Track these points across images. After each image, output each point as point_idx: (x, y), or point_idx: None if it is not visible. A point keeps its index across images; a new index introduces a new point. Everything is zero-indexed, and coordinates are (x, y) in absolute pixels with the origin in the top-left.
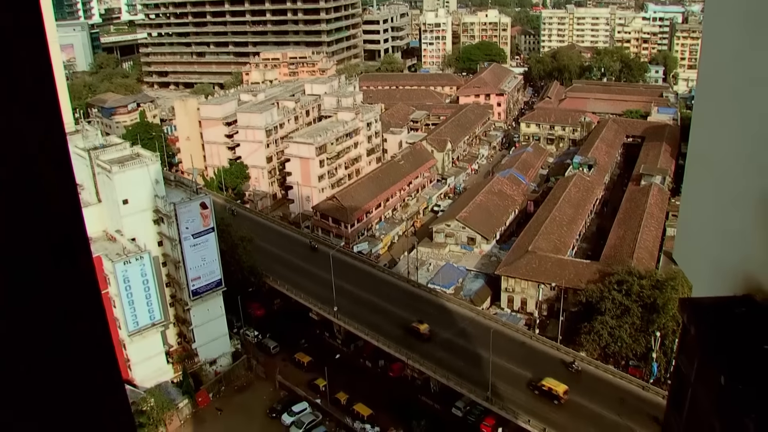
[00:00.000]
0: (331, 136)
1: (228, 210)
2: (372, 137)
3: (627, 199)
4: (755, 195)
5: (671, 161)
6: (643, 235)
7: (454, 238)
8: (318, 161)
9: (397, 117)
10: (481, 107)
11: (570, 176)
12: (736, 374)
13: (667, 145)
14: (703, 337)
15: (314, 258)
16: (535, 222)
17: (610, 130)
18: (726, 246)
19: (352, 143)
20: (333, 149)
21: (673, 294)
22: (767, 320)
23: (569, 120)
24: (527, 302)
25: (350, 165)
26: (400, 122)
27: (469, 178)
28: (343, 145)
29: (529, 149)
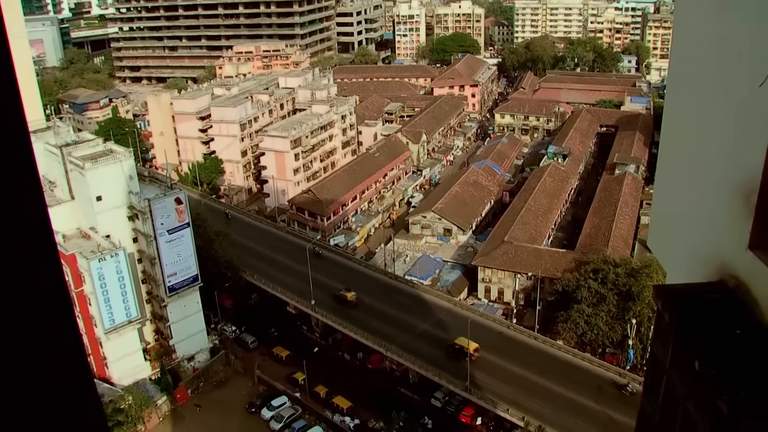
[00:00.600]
0: (306, 129)
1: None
2: (347, 130)
3: (601, 188)
4: (727, 182)
5: (645, 150)
6: (618, 223)
7: (430, 229)
8: (293, 154)
9: (371, 109)
10: (456, 98)
11: (545, 166)
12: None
13: (641, 134)
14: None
15: (292, 252)
16: (510, 212)
17: (584, 119)
18: (699, 233)
19: (327, 136)
20: (308, 142)
21: (647, 281)
22: (740, 306)
23: (543, 110)
24: (504, 292)
25: (325, 158)
26: (374, 114)
27: (444, 169)
28: (317, 138)
29: (503, 140)
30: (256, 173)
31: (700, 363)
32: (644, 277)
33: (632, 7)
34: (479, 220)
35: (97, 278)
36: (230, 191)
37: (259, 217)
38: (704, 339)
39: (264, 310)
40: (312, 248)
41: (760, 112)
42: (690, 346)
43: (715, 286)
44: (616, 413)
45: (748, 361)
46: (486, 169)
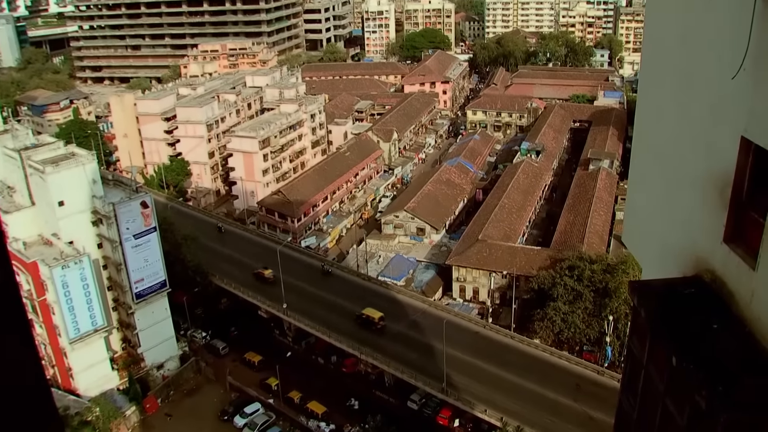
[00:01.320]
0: (275, 128)
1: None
2: (316, 129)
3: (576, 184)
4: (701, 175)
5: (619, 145)
6: (593, 219)
7: (403, 229)
8: (261, 155)
9: (341, 107)
10: (427, 95)
11: (518, 163)
12: (687, 354)
13: (614, 129)
14: (652, 318)
15: (263, 255)
16: (484, 210)
17: (557, 115)
18: (673, 228)
19: (296, 136)
20: (276, 142)
21: (624, 277)
22: (716, 300)
23: (516, 106)
24: (479, 291)
25: (295, 158)
26: (344, 113)
27: (416, 167)
28: (286, 138)
29: (476, 137)
30: (224, 175)
31: (677, 358)
32: (620, 273)
33: (604, 0)
34: (453, 219)
35: (60, 286)
36: (198, 194)
37: (229, 220)
38: (681, 334)
39: (235, 315)
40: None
41: (733, 104)
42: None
43: (690, 280)
44: (595, 411)
45: (725, 354)
46: (458, 166)
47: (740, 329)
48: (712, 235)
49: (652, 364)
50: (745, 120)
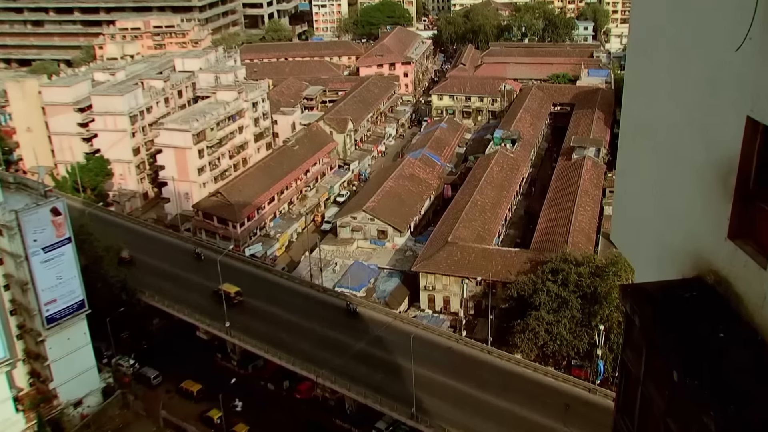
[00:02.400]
0: (211, 120)
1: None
2: (259, 119)
3: (557, 177)
4: (701, 162)
5: (606, 130)
6: (578, 216)
7: (362, 232)
8: (196, 151)
9: (287, 94)
10: (386, 79)
11: (491, 154)
12: (691, 368)
13: (600, 112)
14: (649, 328)
15: (202, 267)
16: (454, 208)
17: (534, 98)
18: (670, 223)
19: (237, 128)
20: (213, 136)
21: (615, 281)
22: (721, 305)
23: (487, 89)
24: (450, 301)
25: (235, 153)
26: (291, 100)
27: (375, 161)
28: (225, 131)
29: (442, 125)
30: (153, 174)
31: (680, 373)
32: (611, 277)
33: None
34: (418, 219)
35: None
36: (121, 197)
37: (157, 227)
38: (682, 344)
39: (169, 337)
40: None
41: (737, 79)
42: (666, 353)
43: (691, 282)
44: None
45: (735, 368)
46: (423, 159)
47: (751, 338)
48: (714, 231)
49: (650, 380)
50: (751, 98)
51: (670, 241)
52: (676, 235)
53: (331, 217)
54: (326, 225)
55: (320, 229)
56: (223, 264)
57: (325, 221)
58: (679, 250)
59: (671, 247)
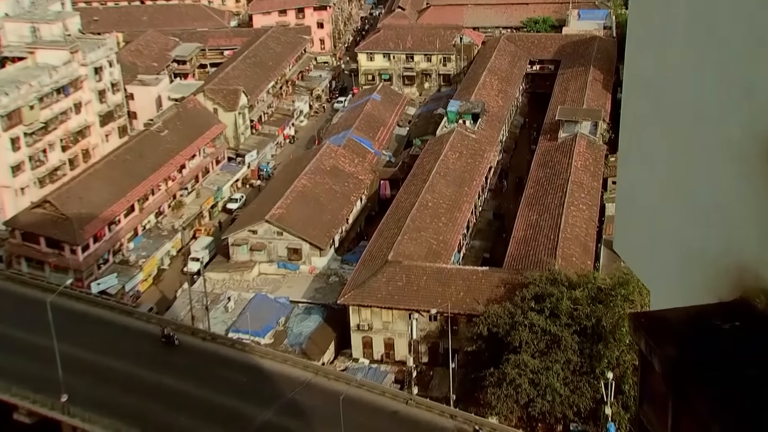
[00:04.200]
0: (29, 93)
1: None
2: (106, 93)
3: (539, 164)
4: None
5: (605, 96)
6: (569, 218)
7: (265, 252)
8: (7, 140)
9: (147, 55)
10: (292, 32)
11: (444, 135)
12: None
13: (597, 71)
14: (674, 374)
15: (18, 313)
16: (395, 213)
17: (503, 54)
18: (696, 223)
19: (71, 105)
20: (35, 117)
21: (625, 309)
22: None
23: (437, 43)
24: (395, 345)
25: (71, 143)
26: (154, 64)
27: (281, 150)
28: (53, 110)
29: (375, 97)
30: None
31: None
32: (619, 303)
33: None
34: (345, 231)
35: None
36: None
37: None
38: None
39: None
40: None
41: None
42: (700, 410)
43: (731, 307)
44: None
45: None
46: (350, 145)
47: None
48: (764, 233)
49: None
50: None
51: (698, 249)
52: (708, 240)
53: (202, 250)
54: (192, 264)
55: (184, 270)
56: (57, 307)
57: (191, 258)
58: (713, 261)
59: (701, 258)
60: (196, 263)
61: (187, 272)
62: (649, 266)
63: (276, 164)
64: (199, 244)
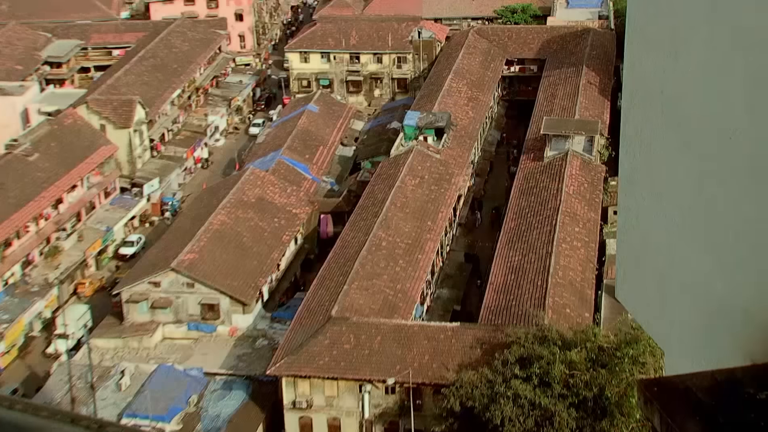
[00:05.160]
0: None
1: None
2: None
3: (521, 191)
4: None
5: (603, 104)
6: (560, 259)
7: (172, 310)
8: None
9: (10, 56)
10: (202, 26)
11: (401, 156)
12: None
13: (592, 73)
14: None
15: None
16: (340, 256)
17: (473, 52)
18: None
19: None
20: None
21: (635, 374)
22: None
23: (389, 39)
24: (342, 426)
25: None
26: (18, 68)
27: (191, 178)
28: None
29: (311, 107)
30: None
31: None
32: (626, 366)
33: None
34: (276, 280)
35: None
36: None
37: None
38: None
39: None
40: None
41: None
42: None
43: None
44: None
45: None
46: (280, 170)
47: None
48: None
49: None
50: None
51: (725, 299)
52: (737, 288)
53: (75, 323)
54: (59, 343)
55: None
56: None
57: (57, 335)
58: (743, 314)
59: (728, 310)
60: (65, 341)
61: (52, 354)
62: (662, 320)
63: (185, 196)
64: (70, 315)
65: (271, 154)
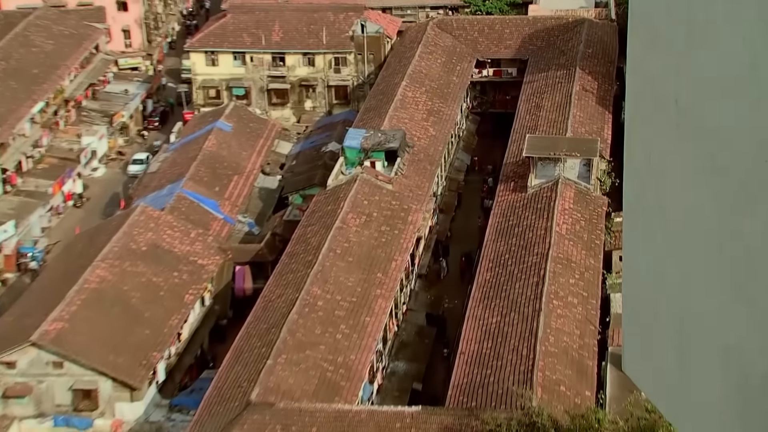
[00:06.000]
0: None
1: None
2: None
3: (498, 231)
4: None
5: (603, 116)
6: (551, 320)
7: (32, 399)
8: None
9: None
10: (73, 18)
11: (342, 187)
12: None
13: (588, 76)
14: None
15: None
16: (261, 321)
17: (433, 52)
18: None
19: None
20: None
21: None
22: None
23: (323, 35)
24: None
25: None
26: None
27: (59, 220)
28: None
29: (221, 125)
30: None
31: None
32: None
33: None
34: (176, 353)
35: None
36: None
37: None
38: None
39: None
40: None
41: None
42: None
43: None
44: None
45: None
46: (181, 208)
47: None
48: None
49: None
50: None
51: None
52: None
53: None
54: None
55: None
56: None
57: None
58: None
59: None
60: None
61: None
62: (685, 400)
63: (50, 244)
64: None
65: (168, 187)
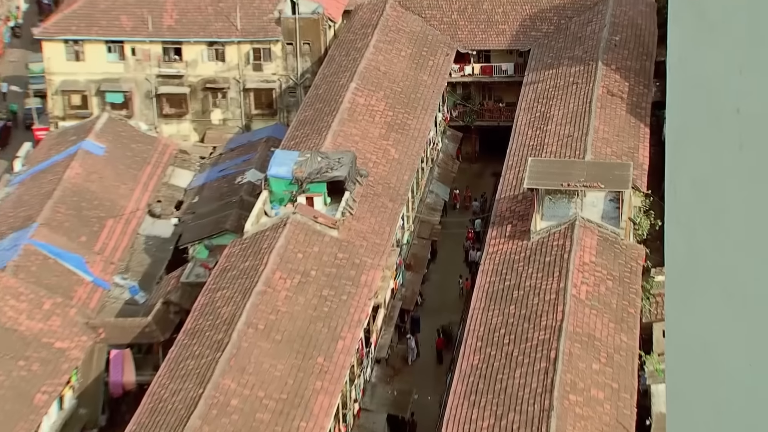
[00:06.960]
0: None
1: None
2: None
3: (488, 295)
4: None
5: (638, 130)
6: (567, 422)
7: None
8: None
9: None
10: None
11: (266, 233)
12: None
13: (615, 74)
14: None
15: None
16: (146, 427)
17: (395, 41)
18: None
19: None
20: None
21: None
22: None
23: (236, 17)
24: None
25: None
26: None
27: None
28: None
29: (90, 146)
30: None
31: None
32: None
33: None
34: None
35: None
36: None
37: None
38: None
39: None
40: None
41: None
42: None
43: None
44: None
45: None
46: (30, 265)
47: None
48: None
49: None
50: None
51: None
52: None
53: None
54: None
55: None
56: None
57: None
58: None
59: None
60: None
61: None
62: None
63: None
64: None
65: (11, 237)
